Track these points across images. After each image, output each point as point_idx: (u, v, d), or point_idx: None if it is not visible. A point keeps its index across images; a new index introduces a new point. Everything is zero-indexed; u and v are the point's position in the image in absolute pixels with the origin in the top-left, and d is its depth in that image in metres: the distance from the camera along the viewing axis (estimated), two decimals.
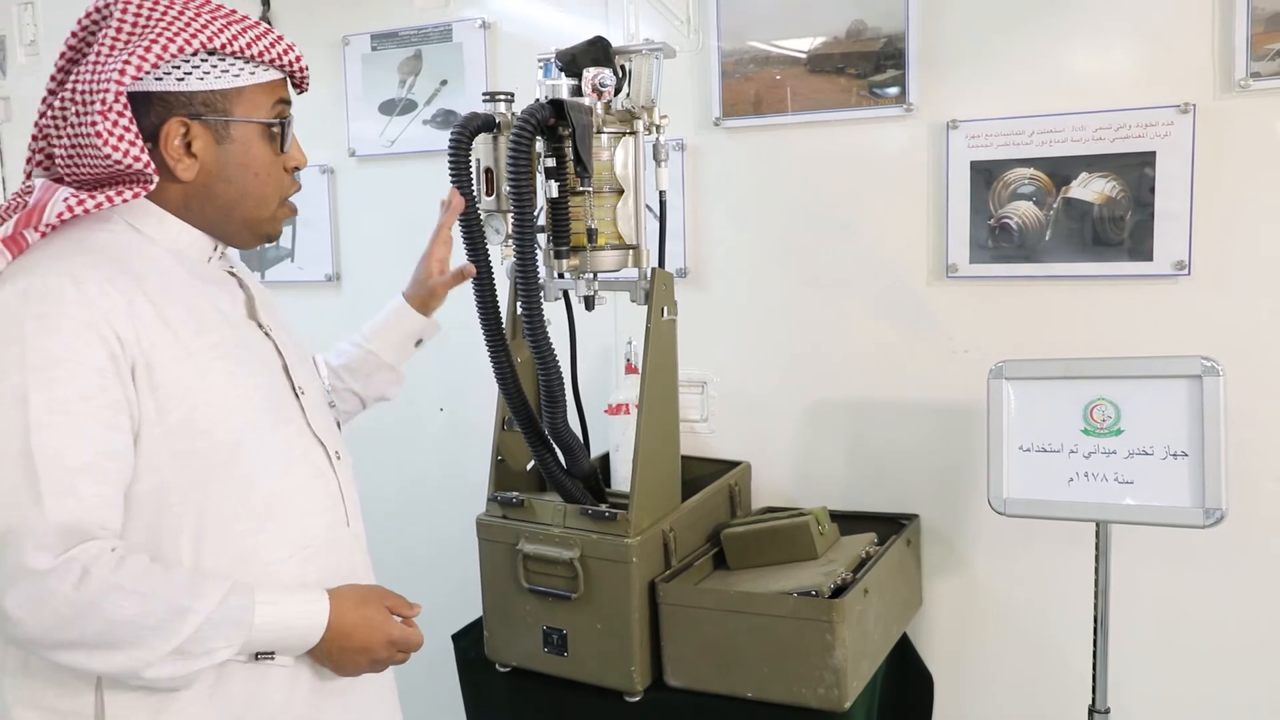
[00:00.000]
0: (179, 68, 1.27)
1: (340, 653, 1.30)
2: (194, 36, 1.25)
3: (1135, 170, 1.99)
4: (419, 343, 1.80)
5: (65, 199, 1.24)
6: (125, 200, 1.25)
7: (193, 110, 1.28)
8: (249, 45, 1.29)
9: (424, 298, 1.78)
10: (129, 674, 1.19)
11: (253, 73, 1.30)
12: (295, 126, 1.39)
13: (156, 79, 1.26)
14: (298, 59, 1.35)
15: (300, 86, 1.39)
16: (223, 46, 1.27)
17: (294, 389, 1.41)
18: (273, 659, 1.27)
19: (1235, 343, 1.93)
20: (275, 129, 1.34)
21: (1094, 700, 1.86)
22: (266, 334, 1.41)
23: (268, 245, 2.93)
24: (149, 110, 1.27)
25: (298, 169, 1.39)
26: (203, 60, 1.28)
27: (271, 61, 1.32)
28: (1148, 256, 2.00)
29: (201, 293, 1.33)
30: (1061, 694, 2.13)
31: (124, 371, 1.20)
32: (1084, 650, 1.92)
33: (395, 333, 1.77)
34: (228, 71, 1.29)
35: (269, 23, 2.68)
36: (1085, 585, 1.90)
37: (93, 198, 1.24)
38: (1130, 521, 1.77)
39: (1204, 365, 1.69)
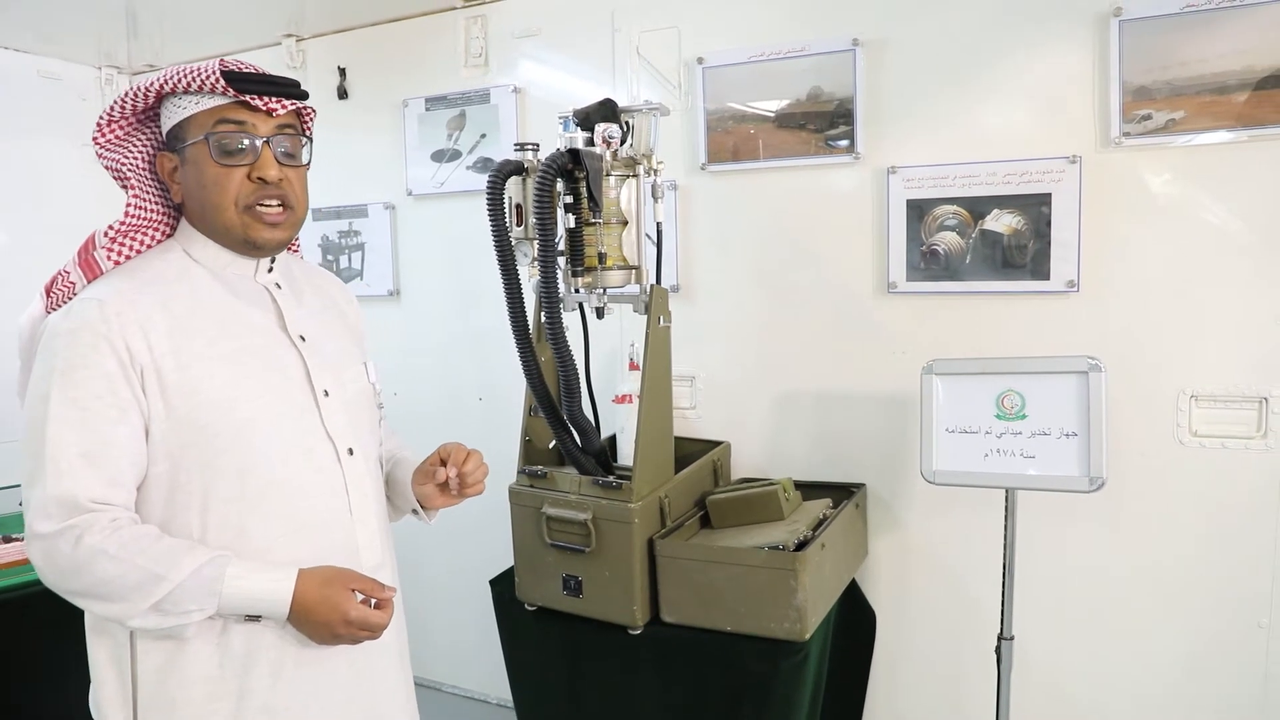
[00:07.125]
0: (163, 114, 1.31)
1: (306, 625, 1.24)
2: (150, 86, 1.28)
3: (1035, 208, 2.02)
4: (415, 512, 1.52)
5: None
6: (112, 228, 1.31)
7: (170, 145, 1.31)
8: (189, 84, 1.25)
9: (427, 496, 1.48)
10: (119, 621, 1.18)
11: (197, 103, 1.27)
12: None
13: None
14: (218, 80, 1.24)
15: (247, 100, 1.26)
16: (173, 90, 1.27)
17: (314, 392, 1.32)
18: (259, 621, 1.24)
19: (1114, 345, 1.97)
20: (216, 143, 1.26)
21: (1002, 629, 1.89)
22: (293, 344, 1.33)
23: (331, 261, 2.90)
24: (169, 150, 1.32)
25: (263, 179, 1.27)
26: (169, 103, 1.29)
27: (199, 89, 1.25)
28: (1046, 277, 2.03)
29: (231, 307, 1.30)
30: (977, 624, 2.16)
31: (132, 377, 1.19)
32: (995, 590, 1.95)
33: (404, 491, 1.50)
34: (180, 107, 1.28)
35: (345, 91, 2.68)
36: (996, 538, 1.93)
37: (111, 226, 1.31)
38: (1032, 488, 1.79)
39: (1090, 364, 1.73)
